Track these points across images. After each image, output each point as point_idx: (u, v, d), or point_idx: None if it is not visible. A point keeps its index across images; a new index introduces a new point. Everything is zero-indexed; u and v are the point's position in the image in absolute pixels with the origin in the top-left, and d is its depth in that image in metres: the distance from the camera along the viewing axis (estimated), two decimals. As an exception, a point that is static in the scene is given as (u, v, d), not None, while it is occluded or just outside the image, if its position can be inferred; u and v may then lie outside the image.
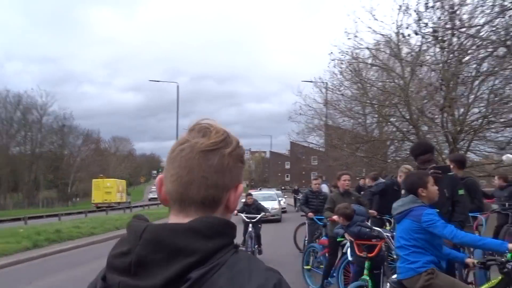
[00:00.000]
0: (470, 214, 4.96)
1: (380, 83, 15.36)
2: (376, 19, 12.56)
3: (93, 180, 43.11)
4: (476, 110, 12.94)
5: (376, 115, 17.57)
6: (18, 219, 21.55)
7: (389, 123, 17.06)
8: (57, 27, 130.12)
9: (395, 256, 4.10)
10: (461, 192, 4.18)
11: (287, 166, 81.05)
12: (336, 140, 19.76)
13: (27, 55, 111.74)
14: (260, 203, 9.91)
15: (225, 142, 0.93)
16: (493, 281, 3.18)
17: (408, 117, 14.12)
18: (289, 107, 46.48)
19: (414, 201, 3.31)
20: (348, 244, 5.59)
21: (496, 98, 10.85)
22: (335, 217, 5.79)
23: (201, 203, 0.91)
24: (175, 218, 0.91)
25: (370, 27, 12.97)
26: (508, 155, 10.95)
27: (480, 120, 12.36)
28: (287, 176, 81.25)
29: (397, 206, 3.39)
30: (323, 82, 18.42)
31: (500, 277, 3.08)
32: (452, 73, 9.67)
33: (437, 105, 11.70)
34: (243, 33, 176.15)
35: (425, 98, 12.17)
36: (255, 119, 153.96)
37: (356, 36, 13.55)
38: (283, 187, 58.36)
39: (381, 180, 9.98)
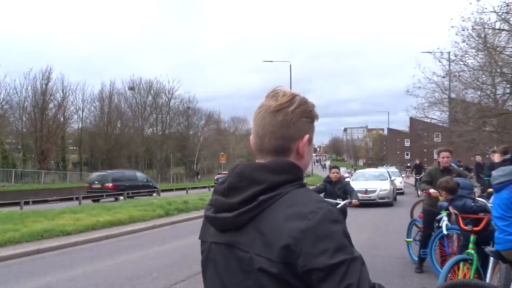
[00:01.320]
0: None
1: (509, 49, 13.74)
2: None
3: (221, 155, 46.43)
4: None
5: (509, 85, 15.82)
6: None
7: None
8: (185, 15, 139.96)
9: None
10: None
11: (407, 144, 76.85)
12: (460, 114, 18.29)
13: (159, 43, 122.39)
14: (349, 185, 7.00)
15: (289, 103, 1.16)
16: None
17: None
18: (409, 81, 43.77)
19: None
20: (444, 217, 5.43)
21: None
22: (431, 190, 5.79)
23: (274, 151, 1.16)
24: (259, 162, 1.18)
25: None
26: None
27: None
28: (407, 154, 77.06)
29: (497, 175, 3.25)
30: (442, 53, 17.01)
31: None
32: None
33: None
34: (358, 6, 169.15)
35: None
36: (374, 95, 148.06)
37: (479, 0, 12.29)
38: (401, 165, 55.64)
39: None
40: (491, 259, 3.95)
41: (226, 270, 1.12)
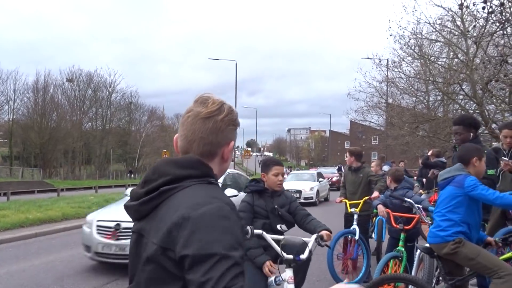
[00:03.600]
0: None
1: (443, 60, 14.63)
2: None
3: (163, 152, 45.43)
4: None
5: (440, 93, 16.83)
6: (90, 188, 23.36)
7: (453, 101, 16.29)
8: (137, 8, 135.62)
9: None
10: (490, 172, 4.05)
11: (347, 145, 79.63)
12: (395, 118, 19.21)
13: (109, 35, 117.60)
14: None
15: (219, 111, 1.25)
16: None
17: (472, 95, 13.43)
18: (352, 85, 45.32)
19: (460, 169, 3.34)
20: (356, 217, 5.65)
21: None
22: (338, 199, 6.50)
23: (200, 155, 1.24)
24: (172, 157, 1.27)
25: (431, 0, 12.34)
26: None
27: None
28: (346, 156, 80.00)
29: (443, 173, 3.44)
30: (380, 60, 17.79)
31: None
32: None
33: (505, 81, 11.01)
34: (315, 10, 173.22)
35: (491, 72, 11.49)
36: (322, 98, 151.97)
37: (414, 11, 13.00)
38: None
39: (443, 159, 9.69)
40: (417, 255, 4.20)
41: (134, 257, 1.19)
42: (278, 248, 2.93)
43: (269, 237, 3.00)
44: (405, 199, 4.81)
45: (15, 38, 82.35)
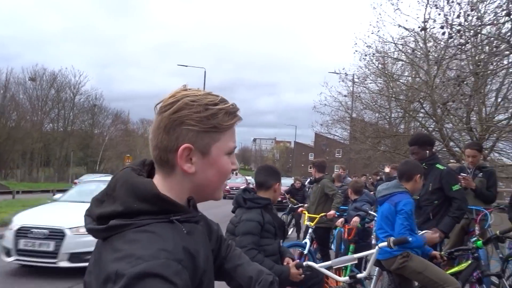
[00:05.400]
0: (473, 208, 5.04)
1: (405, 78, 15.17)
2: (402, 13, 12.45)
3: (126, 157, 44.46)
4: (503, 109, 12.68)
5: (402, 110, 17.40)
6: (48, 191, 22.57)
7: (414, 119, 16.87)
8: (114, 11, 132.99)
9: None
10: (456, 187, 4.21)
11: (311, 157, 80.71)
12: (358, 133, 19.67)
13: (83, 36, 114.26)
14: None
15: (170, 106, 0.98)
16: (463, 265, 3.34)
17: (432, 114, 13.96)
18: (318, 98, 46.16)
19: (398, 186, 3.47)
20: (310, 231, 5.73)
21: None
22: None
23: (157, 163, 1.02)
24: (138, 176, 1.02)
25: (394, 20, 12.83)
26: None
27: (506, 121, 12.12)
28: (310, 167, 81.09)
29: (382, 189, 3.56)
30: (346, 74, 18.26)
31: (470, 261, 3.24)
32: (478, 63, 9.45)
33: (462, 101, 11.53)
34: (291, 21, 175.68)
35: (450, 92, 12.00)
36: (291, 109, 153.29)
37: (379, 30, 13.48)
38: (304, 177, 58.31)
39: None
40: (377, 269, 4.25)
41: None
42: (341, 278, 3.12)
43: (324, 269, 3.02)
44: (370, 212, 4.98)
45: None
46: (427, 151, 4.46)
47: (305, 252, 5.50)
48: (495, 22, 6.89)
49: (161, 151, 0.99)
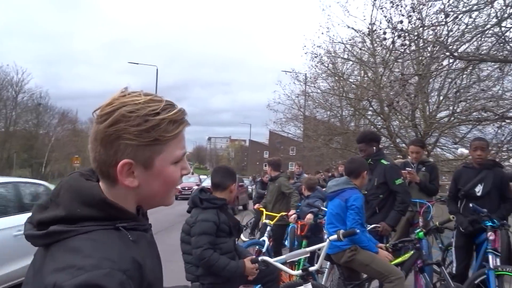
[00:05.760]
0: (416, 201, 5.31)
1: (354, 77, 15.67)
2: (350, 15, 12.85)
3: (74, 158, 42.81)
4: (445, 108, 13.42)
5: (352, 108, 17.95)
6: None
7: (363, 117, 17.45)
8: (63, 6, 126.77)
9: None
10: (398, 181, 4.42)
11: (266, 155, 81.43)
12: (311, 131, 20.09)
13: (28, 32, 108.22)
14: None
15: (107, 116, 0.91)
16: (406, 255, 3.54)
17: (380, 111, 14.52)
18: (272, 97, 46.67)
19: (347, 182, 3.61)
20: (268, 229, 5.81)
21: (462, 98, 11.25)
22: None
23: (99, 175, 0.96)
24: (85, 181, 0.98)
25: (343, 21, 13.22)
26: (462, 149, 11.42)
27: (447, 118, 12.83)
28: (265, 165, 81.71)
29: (332, 185, 3.68)
30: (297, 73, 18.62)
31: (411, 252, 3.45)
32: (420, 63, 9.93)
33: (407, 100, 12.06)
34: (244, 22, 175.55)
35: (396, 91, 12.51)
36: (246, 108, 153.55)
37: (329, 31, 13.86)
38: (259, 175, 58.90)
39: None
40: (328, 263, 4.38)
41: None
42: (294, 272, 3.18)
43: (278, 263, 3.15)
44: (322, 208, 5.12)
45: None
46: (374, 148, 4.65)
47: (264, 250, 5.56)
48: (435, 24, 7.27)
49: (100, 164, 0.93)
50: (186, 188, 23.74)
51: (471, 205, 4.06)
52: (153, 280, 0.94)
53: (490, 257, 3.76)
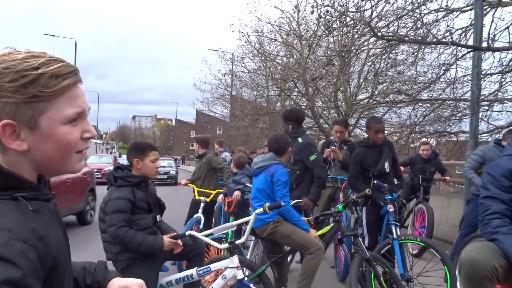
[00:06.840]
0: (338, 177, 5.57)
1: (280, 58, 15.89)
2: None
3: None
4: (364, 90, 14.15)
5: (278, 89, 18.27)
6: None
7: (289, 97, 17.84)
8: None
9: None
10: (312, 157, 4.60)
11: (193, 135, 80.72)
12: (238, 110, 20.18)
13: None
14: None
15: None
16: (326, 228, 3.73)
17: (304, 93, 14.92)
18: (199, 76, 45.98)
19: (273, 158, 3.69)
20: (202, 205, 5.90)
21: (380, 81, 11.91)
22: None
23: None
24: None
25: (270, 1, 13.26)
26: None
27: (366, 100, 13.55)
28: (192, 145, 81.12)
29: (258, 161, 3.75)
30: (224, 52, 18.51)
31: (331, 225, 3.64)
32: (343, 45, 10.31)
33: (330, 81, 12.52)
34: None
35: (320, 73, 12.91)
36: (174, 87, 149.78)
37: (256, 10, 13.85)
38: (187, 155, 58.44)
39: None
40: (253, 238, 4.48)
41: None
42: (221, 246, 3.17)
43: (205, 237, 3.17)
44: (248, 185, 5.18)
45: None
46: (290, 125, 4.79)
47: (201, 227, 5.57)
48: (358, 5, 7.56)
49: None
50: (95, 170, 22.19)
51: (375, 181, 4.31)
52: (57, 251, 0.89)
53: (393, 228, 4.04)
